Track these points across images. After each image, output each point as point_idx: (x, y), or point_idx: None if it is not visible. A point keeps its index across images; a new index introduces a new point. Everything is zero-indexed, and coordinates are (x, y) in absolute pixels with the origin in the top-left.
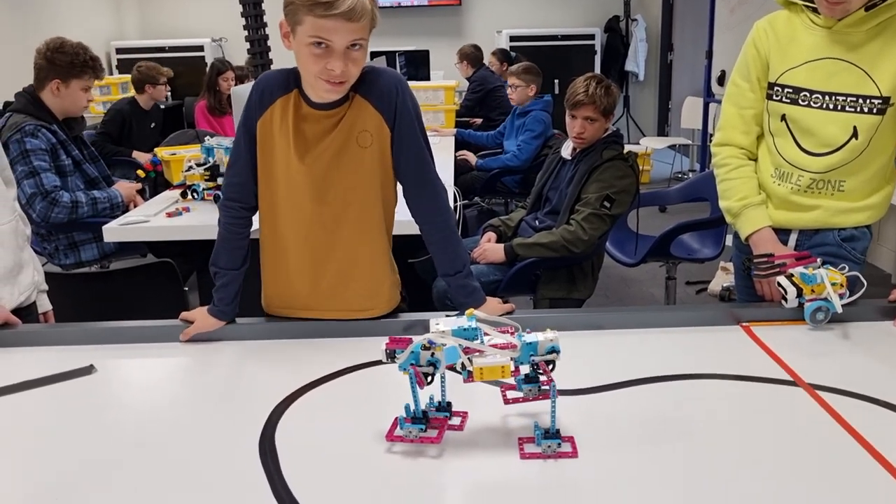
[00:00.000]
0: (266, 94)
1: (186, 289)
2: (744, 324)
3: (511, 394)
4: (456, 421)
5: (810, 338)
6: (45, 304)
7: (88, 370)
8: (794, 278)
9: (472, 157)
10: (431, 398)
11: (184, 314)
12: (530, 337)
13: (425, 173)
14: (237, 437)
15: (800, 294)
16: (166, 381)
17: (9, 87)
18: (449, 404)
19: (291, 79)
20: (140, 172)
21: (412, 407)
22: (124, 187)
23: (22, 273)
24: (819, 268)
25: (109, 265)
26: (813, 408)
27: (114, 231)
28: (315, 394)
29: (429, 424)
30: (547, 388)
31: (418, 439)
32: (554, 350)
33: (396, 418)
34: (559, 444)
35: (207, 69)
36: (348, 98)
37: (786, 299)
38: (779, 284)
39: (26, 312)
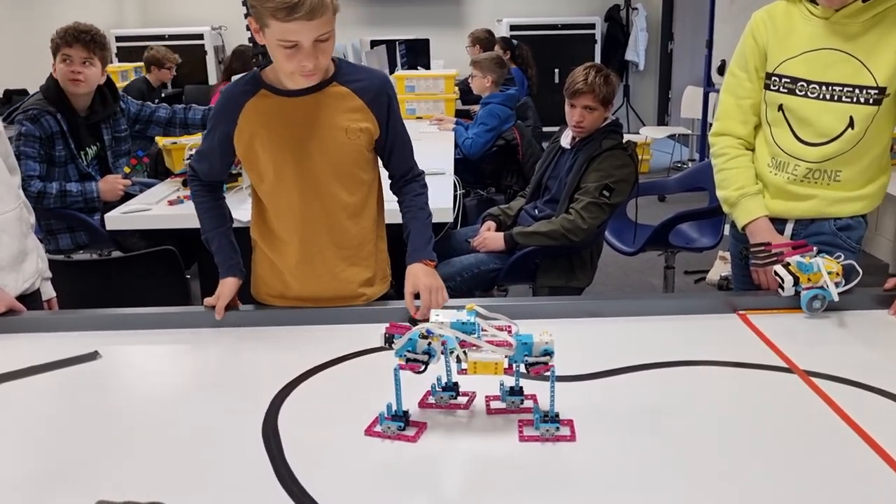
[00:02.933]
0: (233, 105)
1: (188, 276)
2: (740, 312)
3: (495, 404)
4: (462, 400)
5: (806, 326)
6: (48, 292)
7: (93, 356)
8: (790, 267)
9: (448, 126)
10: (439, 378)
11: (207, 300)
12: (525, 334)
13: (413, 161)
14: (240, 422)
15: (796, 283)
16: (170, 366)
17: (7, 74)
18: (455, 384)
19: (253, 81)
20: (126, 169)
21: (394, 407)
22: (107, 182)
23: (26, 260)
24: (815, 257)
25: (111, 253)
26: (807, 394)
27: (116, 219)
28: (317, 379)
29: (408, 424)
30: (529, 401)
31: (395, 436)
32: (547, 353)
33: (377, 416)
34: (557, 427)
35: (230, 56)
36: (325, 85)
37: (782, 288)
38: (776, 273)
39: (30, 299)
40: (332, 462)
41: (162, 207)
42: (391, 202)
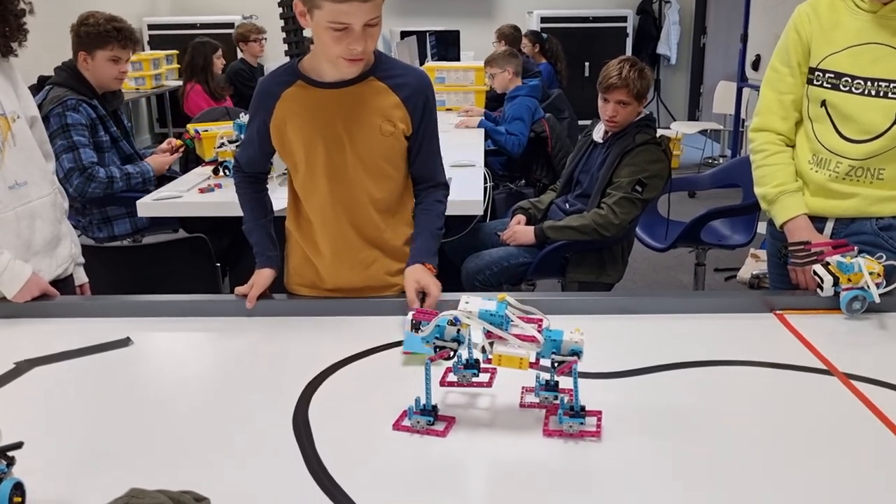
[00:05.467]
0: (270, 95)
1: (219, 264)
2: (777, 311)
3: (528, 398)
4: (485, 377)
5: (846, 327)
6: (81, 277)
7: (125, 342)
8: (830, 267)
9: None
10: (460, 356)
11: (238, 288)
12: (555, 330)
13: (439, 171)
14: (271, 412)
15: (836, 283)
16: (201, 354)
17: (39, 62)
18: (477, 361)
19: (290, 71)
20: (178, 142)
21: (422, 400)
22: (156, 161)
23: (60, 246)
24: (856, 257)
25: (142, 239)
26: (847, 397)
27: (148, 206)
28: (347, 371)
29: (437, 419)
30: (564, 395)
31: (424, 430)
32: (574, 352)
33: (405, 410)
34: (582, 422)
35: (191, 50)
36: (363, 78)
37: (822, 288)
38: (815, 273)
39: (63, 284)
40: (362, 455)
41: (193, 195)
42: None
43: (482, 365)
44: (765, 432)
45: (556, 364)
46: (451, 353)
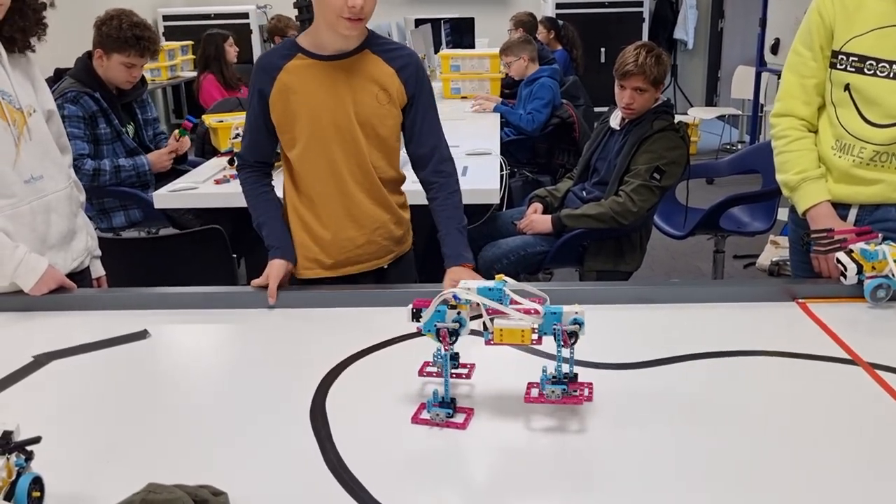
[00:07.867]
0: (270, 69)
1: (235, 255)
2: (800, 300)
3: (535, 392)
4: (464, 371)
5: (870, 315)
6: (98, 270)
7: (143, 335)
8: (853, 254)
9: (489, 106)
10: (438, 349)
11: (255, 281)
12: (555, 307)
13: (443, 142)
14: (288, 404)
15: (860, 271)
16: (218, 346)
17: (55, 54)
18: (456, 355)
19: (289, 46)
20: (176, 133)
21: (441, 393)
22: (155, 155)
23: (75, 239)
24: (880, 244)
25: (158, 231)
26: (872, 387)
27: (164, 197)
28: (363, 363)
29: (456, 411)
30: (575, 391)
31: (444, 423)
32: (577, 322)
33: (423, 403)
34: (564, 389)
35: (203, 42)
36: (359, 50)
37: (845, 276)
38: (838, 261)
39: (80, 277)
40: (381, 448)
41: (209, 186)
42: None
43: (461, 361)
44: (787, 423)
45: (558, 335)
46: (454, 339)
